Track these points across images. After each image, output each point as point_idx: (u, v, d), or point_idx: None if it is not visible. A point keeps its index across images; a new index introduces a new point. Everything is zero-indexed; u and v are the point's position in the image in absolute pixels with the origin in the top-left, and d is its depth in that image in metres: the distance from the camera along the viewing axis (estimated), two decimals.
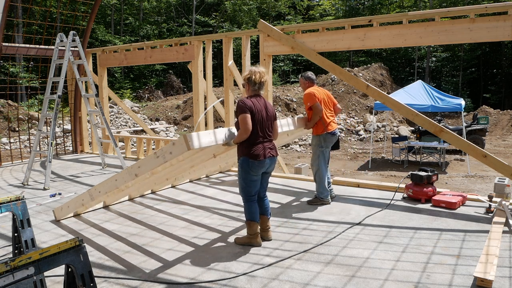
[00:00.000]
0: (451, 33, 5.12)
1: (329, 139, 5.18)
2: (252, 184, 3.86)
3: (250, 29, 10.10)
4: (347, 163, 13.43)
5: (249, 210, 3.93)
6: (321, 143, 5.17)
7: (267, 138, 3.86)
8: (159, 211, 5.16)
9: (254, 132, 3.75)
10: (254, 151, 3.73)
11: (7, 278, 1.73)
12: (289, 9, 36.49)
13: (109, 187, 4.24)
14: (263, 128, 3.82)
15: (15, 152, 12.68)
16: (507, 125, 20.12)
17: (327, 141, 5.18)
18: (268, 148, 3.84)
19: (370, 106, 20.59)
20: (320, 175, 5.21)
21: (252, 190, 3.89)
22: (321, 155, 5.20)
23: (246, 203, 3.95)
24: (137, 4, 32.79)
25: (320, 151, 5.19)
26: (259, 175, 3.89)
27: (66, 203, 4.79)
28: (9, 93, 12.13)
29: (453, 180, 10.49)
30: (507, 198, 5.19)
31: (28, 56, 10.73)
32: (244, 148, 3.78)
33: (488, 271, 3.07)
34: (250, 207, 3.92)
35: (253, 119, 3.71)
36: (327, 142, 5.19)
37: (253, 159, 3.74)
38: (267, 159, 3.80)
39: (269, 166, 3.90)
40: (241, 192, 3.95)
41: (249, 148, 3.75)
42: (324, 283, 3.13)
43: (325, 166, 5.25)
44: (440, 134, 5.22)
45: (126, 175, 3.97)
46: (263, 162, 3.78)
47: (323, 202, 5.27)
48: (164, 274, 3.36)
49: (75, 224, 4.72)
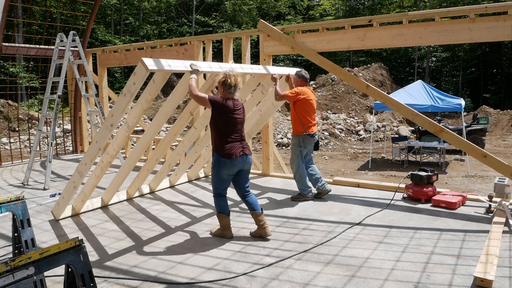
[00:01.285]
0: (451, 33, 5.12)
1: (308, 140, 5.39)
2: (222, 181, 4.10)
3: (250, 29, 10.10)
4: (347, 163, 13.43)
5: (217, 203, 4.18)
6: (300, 143, 5.39)
7: (239, 138, 4.07)
8: (159, 211, 5.16)
9: (227, 132, 3.97)
10: (226, 150, 3.94)
11: (7, 278, 1.73)
12: (289, 9, 36.46)
13: (92, 152, 4.38)
14: (236, 128, 4.03)
15: (15, 152, 12.68)
16: (507, 125, 20.11)
17: (306, 142, 5.39)
18: (240, 147, 4.03)
19: (370, 106, 20.59)
20: (300, 173, 5.43)
21: (221, 187, 4.13)
22: (300, 154, 5.41)
23: (215, 197, 4.20)
24: (137, 4, 32.77)
25: (299, 150, 5.40)
26: (231, 175, 4.09)
27: (60, 196, 4.80)
28: (9, 93, 12.13)
29: (453, 180, 10.49)
30: (507, 198, 5.19)
31: (28, 56, 10.73)
32: (217, 146, 4.00)
33: (488, 271, 3.07)
34: (219, 201, 4.18)
35: (225, 118, 3.95)
36: (306, 143, 5.40)
37: (225, 158, 3.94)
38: (238, 157, 3.99)
39: (242, 164, 4.07)
40: (212, 187, 4.21)
41: (222, 147, 3.96)
42: (324, 283, 3.13)
43: (303, 165, 5.47)
44: (440, 134, 5.22)
45: (103, 131, 4.23)
46: (235, 161, 3.97)
47: (306, 198, 5.50)
48: (164, 274, 3.36)
49: (75, 224, 4.72)
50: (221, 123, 3.96)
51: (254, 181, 6.69)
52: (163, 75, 3.90)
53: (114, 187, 5.24)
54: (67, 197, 4.71)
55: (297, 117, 5.34)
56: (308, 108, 5.32)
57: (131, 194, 5.77)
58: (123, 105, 3.97)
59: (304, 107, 5.31)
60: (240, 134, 4.08)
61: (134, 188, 5.72)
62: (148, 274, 3.37)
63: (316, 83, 24.11)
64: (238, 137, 4.05)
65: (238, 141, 4.04)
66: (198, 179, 6.94)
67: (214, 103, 3.91)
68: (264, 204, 5.37)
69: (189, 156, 6.37)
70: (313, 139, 5.42)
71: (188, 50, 7.57)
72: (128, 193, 5.77)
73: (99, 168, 4.73)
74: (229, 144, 3.95)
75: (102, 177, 4.86)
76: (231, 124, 3.98)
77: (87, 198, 5.00)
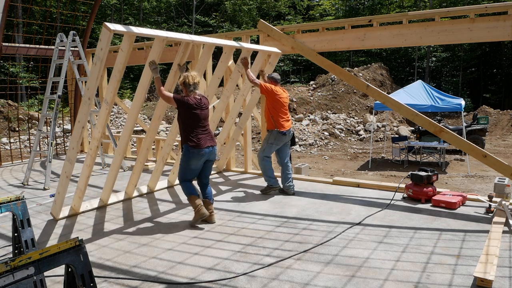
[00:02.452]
0: (451, 33, 5.12)
1: (280, 137, 5.63)
2: (190, 171, 4.52)
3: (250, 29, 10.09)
4: (347, 163, 13.42)
5: (185, 187, 4.56)
6: (271, 139, 5.67)
7: (205, 131, 4.50)
8: (159, 211, 5.16)
9: (192, 126, 4.41)
10: (194, 142, 4.38)
11: (7, 278, 1.73)
12: (289, 9, 36.45)
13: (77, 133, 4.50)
14: (200, 122, 4.46)
15: (15, 152, 12.68)
16: (507, 125, 20.11)
17: (277, 139, 5.63)
18: (206, 139, 4.47)
19: (370, 106, 20.58)
20: (264, 165, 5.74)
21: (189, 176, 4.55)
22: (267, 149, 5.70)
23: (182, 183, 4.58)
24: (137, 4, 32.77)
25: (268, 145, 5.69)
26: (199, 165, 4.50)
27: (56, 192, 4.79)
28: (9, 93, 12.12)
29: (453, 180, 10.49)
30: (507, 198, 5.19)
31: (28, 56, 10.73)
32: (185, 138, 4.43)
33: (488, 271, 3.07)
34: (186, 185, 4.56)
35: (189, 114, 4.40)
36: (277, 140, 5.64)
37: (193, 149, 4.37)
38: (205, 148, 4.43)
39: (209, 155, 4.49)
40: (179, 174, 4.60)
41: (189, 138, 4.40)
42: (324, 283, 3.13)
43: (269, 158, 5.77)
44: (440, 134, 5.22)
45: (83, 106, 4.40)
46: (202, 151, 4.41)
47: (273, 188, 5.80)
48: (164, 274, 3.36)
49: (75, 224, 4.72)
50: (186, 118, 4.42)
51: (254, 181, 6.69)
52: (128, 40, 4.17)
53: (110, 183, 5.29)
54: (62, 191, 4.71)
55: (269, 114, 5.64)
56: (280, 106, 5.60)
57: (130, 194, 5.77)
58: (96, 74, 4.17)
59: (276, 105, 5.59)
60: (205, 127, 4.52)
61: (132, 187, 5.72)
62: (148, 274, 3.37)
63: (316, 83, 24.11)
64: (204, 130, 4.50)
65: (204, 134, 4.48)
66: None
67: (178, 101, 4.38)
68: (264, 204, 5.37)
69: None
70: (286, 136, 5.68)
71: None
72: (127, 193, 5.77)
73: (89, 156, 4.80)
74: (196, 136, 4.40)
75: (92, 166, 4.90)
76: (196, 119, 4.43)
77: (83, 193, 5.00)
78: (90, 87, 4.31)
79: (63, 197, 4.77)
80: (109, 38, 3.92)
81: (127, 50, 4.25)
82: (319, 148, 16.66)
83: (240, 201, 5.52)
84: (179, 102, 4.38)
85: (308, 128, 18.40)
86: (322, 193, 5.88)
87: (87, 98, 4.35)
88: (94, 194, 6.04)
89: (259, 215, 4.90)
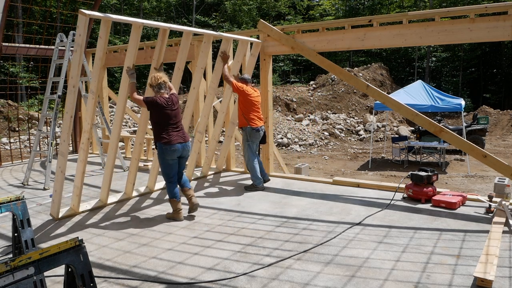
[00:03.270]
0: (451, 33, 5.12)
1: (254, 134, 5.95)
2: (169, 167, 4.71)
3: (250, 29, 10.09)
4: (347, 163, 13.42)
5: (169, 190, 4.78)
6: (247, 137, 5.98)
7: (176, 127, 4.69)
8: (159, 211, 5.16)
9: (164, 124, 4.60)
10: (165, 139, 4.59)
11: (7, 278, 1.73)
12: (289, 9, 36.45)
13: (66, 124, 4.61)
14: (171, 120, 4.64)
15: (15, 152, 12.68)
16: (507, 125, 20.11)
17: (252, 136, 5.97)
18: (177, 136, 4.68)
19: (370, 106, 20.58)
20: (251, 166, 6.01)
21: (170, 172, 4.73)
22: (249, 148, 6.01)
23: (167, 184, 4.80)
24: (137, 4, 32.78)
25: (247, 144, 6.01)
26: (174, 160, 4.70)
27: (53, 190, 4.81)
28: (9, 93, 12.12)
29: (453, 180, 10.49)
30: (507, 198, 5.19)
31: (28, 56, 10.73)
32: (158, 136, 4.63)
33: (488, 271, 3.07)
34: (171, 187, 4.77)
35: (160, 114, 4.59)
36: (252, 137, 5.98)
37: (165, 145, 4.58)
38: (176, 144, 4.63)
39: (182, 151, 4.71)
40: (162, 174, 4.80)
41: (161, 136, 4.60)
42: (324, 283, 3.13)
43: (254, 157, 6.04)
44: (440, 134, 5.22)
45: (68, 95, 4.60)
46: (173, 146, 4.61)
47: (257, 189, 6.07)
48: (164, 274, 3.36)
49: (75, 224, 4.72)
50: (157, 118, 4.61)
51: None
52: (105, 26, 4.37)
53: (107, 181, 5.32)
54: (59, 188, 4.73)
55: (241, 112, 5.96)
56: (251, 105, 5.91)
57: (129, 194, 5.77)
58: (77, 60, 4.31)
59: (247, 104, 5.90)
60: (176, 124, 4.70)
61: (130, 186, 5.72)
62: (148, 274, 3.37)
63: (316, 83, 24.11)
64: (175, 127, 4.69)
65: (176, 131, 4.68)
66: (197, 178, 6.94)
67: (147, 103, 4.58)
68: (264, 204, 5.38)
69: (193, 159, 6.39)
70: (258, 133, 5.99)
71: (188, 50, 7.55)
72: (127, 192, 5.77)
73: (81, 151, 4.85)
74: (167, 134, 4.60)
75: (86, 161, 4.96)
76: (166, 117, 4.62)
77: (80, 191, 5.02)
78: (73, 76, 4.44)
79: (61, 195, 4.79)
80: (86, 23, 4.15)
81: (105, 37, 4.45)
82: (319, 148, 16.66)
83: (240, 201, 5.52)
84: (148, 103, 4.58)
85: (308, 128, 18.40)
86: (322, 193, 5.88)
87: (71, 87, 4.49)
88: (94, 194, 6.04)
89: (259, 215, 4.90)
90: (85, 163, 4.88)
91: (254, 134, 5.94)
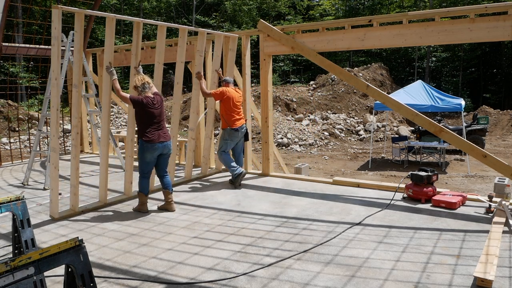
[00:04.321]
0: (451, 33, 5.12)
1: (233, 134, 6.21)
2: (146, 164, 4.96)
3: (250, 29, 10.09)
4: (347, 163, 13.42)
5: (141, 184, 5.05)
6: (225, 136, 6.25)
7: (159, 126, 4.92)
8: (159, 211, 5.16)
9: (147, 123, 4.83)
10: (148, 137, 4.82)
11: (7, 278, 1.73)
12: (289, 9, 36.44)
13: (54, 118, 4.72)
14: (154, 119, 4.87)
15: (15, 152, 12.68)
16: (507, 125, 20.10)
17: (231, 136, 6.22)
18: (159, 134, 4.90)
19: (370, 106, 20.58)
20: (223, 159, 6.32)
21: (146, 168, 5.01)
22: (224, 145, 6.28)
23: (140, 178, 5.05)
24: (137, 4, 32.78)
25: (224, 142, 6.27)
26: (153, 158, 4.94)
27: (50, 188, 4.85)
28: (9, 93, 12.11)
29: (453, 180, 10.49)
30: (507, 198, 5.19)
31: (28, 56, 10.73)
32: (140, 133, 4.85)
33: (488, 271, 3.07)
34: (142, 182, 5.05)
35: (144, 112, 4.81)
36: (231, 136, 6.23)
37: (147, 143, 4.80)
38: (158, 143, 4.86)
39: (162, 149, 4.94)
40: (138, 168, 5.05)
41: (144, 134, 4.82)
42: (324, 283, 3.13)
43: (227, 153, 6.33)
44: (440, 134, 5.22)
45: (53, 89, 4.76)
46: (155, 145, 4.84)
47: (240, 176, 6.28)
48: (164, 274, 3.36)
49: (75, 224, 4.72)
50: (141, 116, 4.84)
51: (254, 182, 6.69)
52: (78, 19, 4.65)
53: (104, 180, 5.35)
54: (55, 186, 4.75)
55: (222, 115, 6.23)
56: (231, 105, 6.15)
57: (128, 193, 5.77)
58: (56, 53, 4.52)
59: (227, 105, 6.14)
60: (159, 123, 4.93)
61: (128, 184, 5.73)
62: (148, 274, 3.37)
63: (316, 83, 24.10)
64: (158, 126, 4.91)
65: (158, 130, 4.91)
66: (196, 178, 6.94)
67: (133, 101, 4.79)
68: (264, 204, 5.38)
69: (190, 158, 6.38)
70: (238, 133, 6.25)
71: (188, 50, 7.56)
72: (126, 192, 5.76)
73: (73, 147, 4.90)
74: (150, 132, 4.82)
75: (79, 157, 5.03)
76: (150, 116, 4.84)
77: (77, 189, 5.04)
78: (54, 69, 4.63)
79: (57, 193, 4.83)
80: (59, 15, 4.45)
81: (79, 30, 4.73)
82: (319, 148, 16.66)
83: (240, 201, 5.52)
84: (134, 101, 4.80)
85: (308, 128, 18.40)
86: (322, 193, 5.88)
87: (54, 79, 4.65)
88: (94, 194, 6.04)
89: (259, 215, 4.90)
90: (78, 159, 4.95)
91: (233, 133, 6.21)
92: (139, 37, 5.38)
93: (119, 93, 4.88)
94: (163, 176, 5.17)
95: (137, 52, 5.40)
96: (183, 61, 6.13)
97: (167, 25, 5.80)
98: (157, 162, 5.06)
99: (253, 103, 7.52)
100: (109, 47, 5.07)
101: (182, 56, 6.08)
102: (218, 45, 6.67)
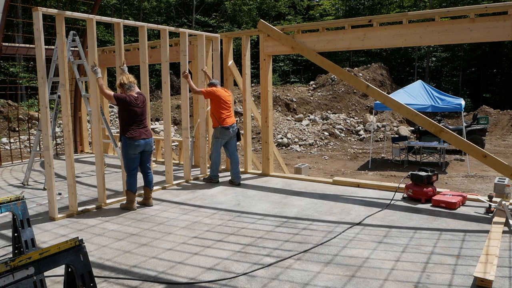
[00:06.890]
0: (451, 33, 5.12)
1: (224, 132, 6.30)
2: (131, 161, 5.08)
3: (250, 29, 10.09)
4: (347, 163, 13.42)
5: (128, 182, 5.17)
6: (217, 134, 6.35)
7: (141, 124, 5.09)
8: (158, 211, 5.16)
9: (130, 120, 4.98)
10: (130, 134, 4.98)
11: (7, 278, 1.73)
12: (289, 9, 36.42)
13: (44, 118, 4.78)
14: (137, 118, 5.03)
15: (15, 152, 12.68)
16: (507, 125, 20.11)
17: (223, 134, 6.32)
18: (141, 132, 5.06)
19: (370, 106, 20.59)
20: (213, 160, 6.47)
21: (131, 165, 5.11)
22: (216, 143, 6.38)
23: (127, 176, 5.16)
24: (137, 4, 32.76)
25: (216, 141, 6.38)
26: (137, 154, 5.08)
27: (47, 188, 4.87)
28: (9, 93, 12.11)
29: (453, 180, 10.49)
30: (507, 198, 5.19)
31: (28, 56, 10.72)
32: (123, 131, 5.00)
33: (488, 271, 3.07)
34: (130, 179, 5.15)
35: (128, 110, 4.96)
36: (223, 135, 6.32)
37: (130, 140, 4.96)
38: (140, 140, 5.02)
39: (144, 146, 5.10)
40: (124, 166, 5.20)
41: (127, 131, 4.97)
42: (324, 283, 3.13)
43: (219, 154, 6.49)
44: (440, 134, 5.22)
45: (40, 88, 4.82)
46: (137, 142, 5.00)
47: (213, 181, 6.59)
48: (164, 274, 3.36)
49: (75, 224, 4.72)
50: (125, 114, 4.98)
51: (254, 182, 6.69)
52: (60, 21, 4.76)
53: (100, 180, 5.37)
54: (51, 186, 4.75)
55: (212, 114, 6.33)
56: (220, 104, 6.26)
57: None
58: (40, 53, 4.66)
59: (217, 105, 6.27)
60: (142, 121, 5.10)
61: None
62: (148, 274, 3.37)
63: (316, 83, 24.11)
64: (140, 124, 5.08)
65: (140, 127, 5.07)
66: (196, 178, 6.94)
67: (118, 99, 4.93)
68: (264, 204, 5.38)
69: (187, 157, 6.38)
70: (229, 131, 6.32)
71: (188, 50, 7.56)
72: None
73: (66, 146, 4.95)
74: (133, 130, 4.98)
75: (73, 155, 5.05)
76: (133, 114, 5.00)
77: (75, 189, 5.06)
78: (40, 69, 4.73)
79: (54, 192, 4.84)
80: (39, 17, 4.55)
81: (61, 32, 4.83)
82: (319, 148, 16.66)
83: (240, 201, 5.52)
84: (118, 99, 4.94)
85: (308, 128, 18.41)
86: (322, 193, 5.88)
87: (40, 78, 4.75)
88: (94, 194, 6.04)
89: (259, 215, 4.90)
90: (72, 158, 5.02)
91: (224, 131, 6.30)
92: (120, 38, 5.55)
93: (102, 90, 5.01)
94: (147, 173, 5.33)
95: (120, 52, 5.56)
96: (167, 60, 6.33)
97: (147, 26, 6.03)
98: (140, 159, 5.20)
99: (253, 103, 7.52)
100: (92, 48, 5.24)
101: (165, 56, 6.30)
102: (201, 45, 6.85)
